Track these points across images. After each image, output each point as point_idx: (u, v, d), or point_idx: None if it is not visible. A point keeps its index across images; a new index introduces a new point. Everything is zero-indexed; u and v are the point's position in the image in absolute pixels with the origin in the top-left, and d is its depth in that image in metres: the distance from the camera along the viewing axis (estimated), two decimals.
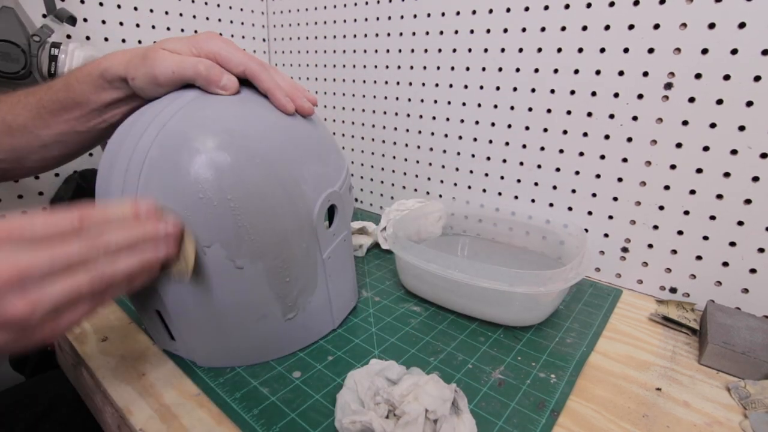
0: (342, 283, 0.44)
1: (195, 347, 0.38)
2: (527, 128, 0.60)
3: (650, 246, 0.53)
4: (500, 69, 0.60)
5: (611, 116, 0.52)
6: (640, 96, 0.50)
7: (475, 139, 0.66)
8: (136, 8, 0.72)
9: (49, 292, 0.24)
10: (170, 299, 0.35)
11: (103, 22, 0.69)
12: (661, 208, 0.51)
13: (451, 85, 0.66)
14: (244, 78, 0.37)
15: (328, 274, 0.40)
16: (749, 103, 0.44)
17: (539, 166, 0.60)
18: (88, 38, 0.68)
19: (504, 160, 0.64)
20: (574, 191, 0.58)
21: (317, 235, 0.38)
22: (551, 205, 0.61)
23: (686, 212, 0.50)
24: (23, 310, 0.23)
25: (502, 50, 0.59)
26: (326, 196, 0.38)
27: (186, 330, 0.37)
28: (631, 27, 0.49)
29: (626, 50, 0.50)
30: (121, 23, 0.71)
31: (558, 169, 0.59)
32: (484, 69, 0.62)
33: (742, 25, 0.43)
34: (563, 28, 0.54)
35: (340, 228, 0.41)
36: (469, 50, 0.63)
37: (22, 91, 0.41)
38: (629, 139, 0.52)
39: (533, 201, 0.62)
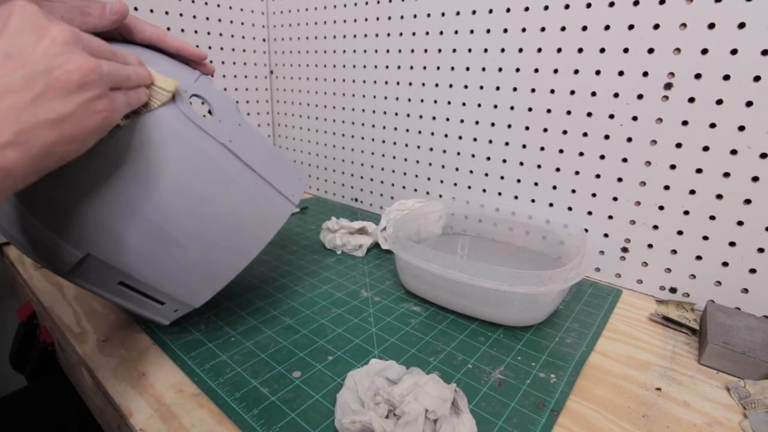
0: (270, 163, 0.41)
1: (182, 287, 0.38)
2: (527, 128, 0.60)
3: (650, 246, 0.53)
4: (500, 69, 0.60)
5: (611, 116, 0.53)
6: (640, 96, 0.50)
7: (475, 139, 0.66)
8: (136, 8, 0.72)
9: (105, 63, 0.27)
10: (135, 254, 0.35)
11: None
12: (661, 208, 0.52)
13: (451, 85, 0.66)
14: (151, 44, 0.40)
15: (242, 156, 0.39)
16: (749, 103, 0.44)
17: (539, 166, 0.60)
18: None
19: (504, 160, 0.64)
20: (574, 191, 0.58)
21: (195, 122, 0.37)
22: (551, 205, 0.61)
23: (686, 212, 0.50)
24: (92, 64, 0.25)
25: (502, 50, 0.59)
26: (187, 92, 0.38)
27: (164, 274, 0.37)
28: (631, 27, 0.49)
29: (626, 50, 0.50)
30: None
31: (558, 169, 0.59)
32: (484, 69, 0.62)
33: (741, 26, 0.43)
34: (563, 28, 0.54)
35: (224, 115, 0.39)
36: (469, 50, 0.63)
37: None
38: (629, 139, 0.52)
39: (533, 201, 0.62)
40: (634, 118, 0.51)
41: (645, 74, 0.49)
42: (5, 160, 0.21)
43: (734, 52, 0.44)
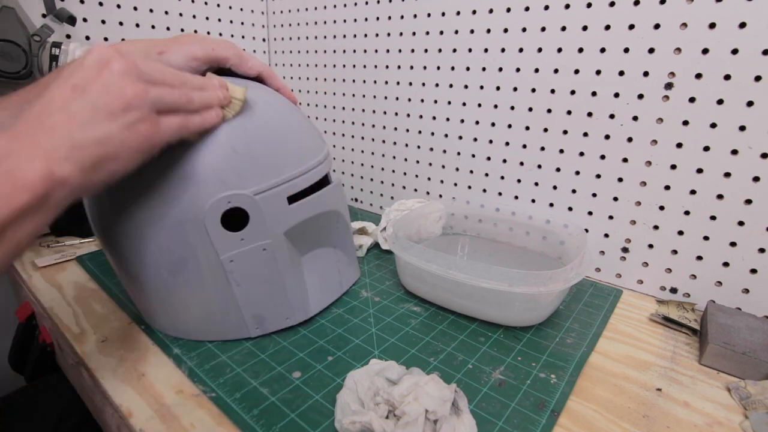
0: (260, 293, 0.41)
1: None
2: (527, 128, 0.60)
3: (650, 246, 0.53)
4: (500, 69, 0.60)
5: (611, 116, 0.52)
6: (641, 96, 0.50)
7: (475, 139, 0.66)
8: (135, 8, 0.72)
9: (155, 89, 0.30)
10: None
11: (103, 22, 0.69)
12: (662, 208, 0.51)
13: (451, 85, 0.66)
14: (258, 78, 0.43)
15: (233, 278, 0.39)
16: (750, 103, 0.44)
17: (539, 166, 0.60)
18: (87, 38, 0.68)
19: (504, 160, 0.63)
20: (574, 191, 0.58)
21: (208, 231, 0.37)
22: (551, 205, 0.61)
23: (687, 212, 0.50)
24: (138, 90, 0.28)
25: (502, 50, 0.59)
26: (226, 196, 0.36)
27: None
28: (631, 27, 0.49)
29: (626, 50, 0.50)
30: (120, 23, 0.71)
31: (558, 169, 0.58)
32: (484, 69, 0.62)
33: (742, 25, 0.43)
34: (563, 28, 0.54)
35: (256, 236, 0.39)
36: (469, 50, 0.63)
37: (4, 96, 0.39)
38: (629, 139, 0.52)
39: (533, 201, 0.62)
40: (635, 118, 0.51)
41: (645, 74, 0.49)
42: (62, 171, 0.25)
43: (735, 51, 0.44)
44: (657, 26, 0.47)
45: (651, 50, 0.48)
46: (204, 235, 0.37)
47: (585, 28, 0.52)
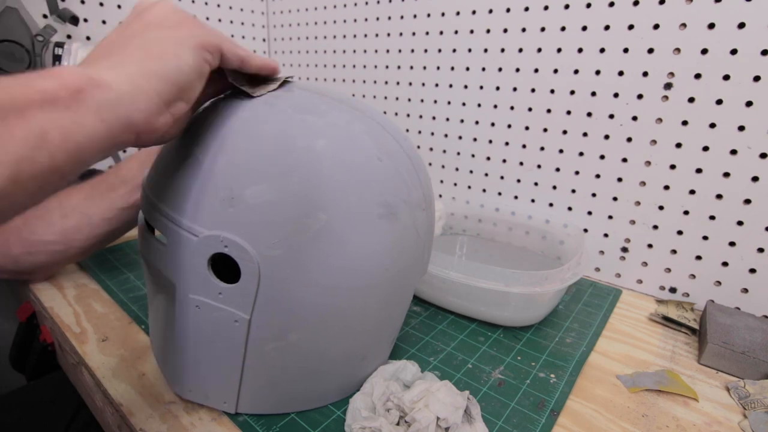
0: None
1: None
2: (527, 128, 0.60)
3: (650, 246, 0.53)
4: (500, 69, 0.60)
5: (611, 116, 0.53)
6: (640, 96, 0.50)
7: (475, 139, 0.66)
8: None
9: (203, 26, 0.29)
10: None
11: (104, 22, 0.69)
12: (661, 208, 0.52)
13: (451, 85, 0.66)
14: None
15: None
16: (749, 103, 0.44)
17: (539, 166, 0.60)
18: (88, 38, 0.68)
19: (504, 160, 0.64)
20: (573, 191, 0.58)
21: None
22: (551, 205, 0.61)
23: (686, 212, 0.50)
24: (218, 40, 0.28)
25: (502, 50, 0.59)
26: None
27: None
28: (630, 27, 0.49)
29: (626, 50, 0.50)
30: (121, 23, 0.71)
31: (558, 169, 0.59)
32: (483, 69, 0.62)
33: (741, 26, 0.43)
34: (563, 28, 0.54)
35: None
36: (469, 50, 0.63)
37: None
38: (629, 139, 0.52)
39: (533, 201, 0.62)
40: (634, 118, 0.51)
41: (645, 74, 0.49)
42: (102, 74, 0.22)
43: (734, 52, 0.44)
44: (656, 26, 0.47)
45: (650, 50, 0.48)
46: None
47: (584, 28, 0.52)
